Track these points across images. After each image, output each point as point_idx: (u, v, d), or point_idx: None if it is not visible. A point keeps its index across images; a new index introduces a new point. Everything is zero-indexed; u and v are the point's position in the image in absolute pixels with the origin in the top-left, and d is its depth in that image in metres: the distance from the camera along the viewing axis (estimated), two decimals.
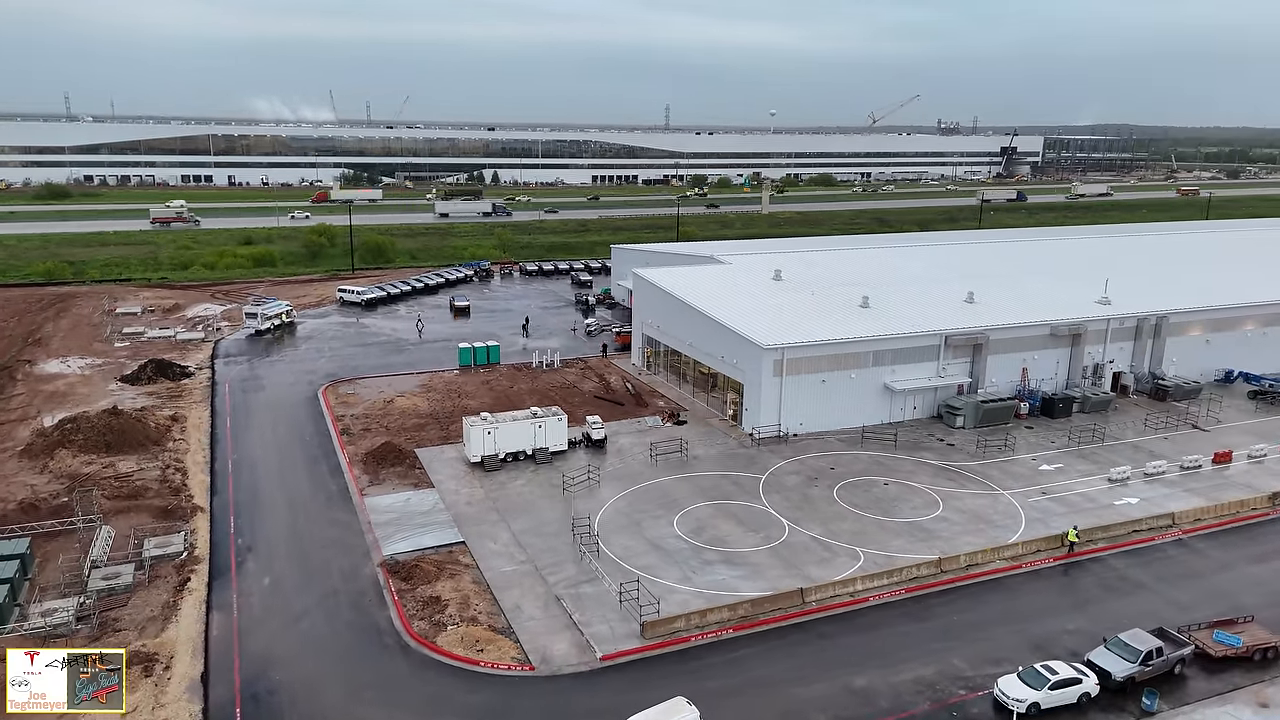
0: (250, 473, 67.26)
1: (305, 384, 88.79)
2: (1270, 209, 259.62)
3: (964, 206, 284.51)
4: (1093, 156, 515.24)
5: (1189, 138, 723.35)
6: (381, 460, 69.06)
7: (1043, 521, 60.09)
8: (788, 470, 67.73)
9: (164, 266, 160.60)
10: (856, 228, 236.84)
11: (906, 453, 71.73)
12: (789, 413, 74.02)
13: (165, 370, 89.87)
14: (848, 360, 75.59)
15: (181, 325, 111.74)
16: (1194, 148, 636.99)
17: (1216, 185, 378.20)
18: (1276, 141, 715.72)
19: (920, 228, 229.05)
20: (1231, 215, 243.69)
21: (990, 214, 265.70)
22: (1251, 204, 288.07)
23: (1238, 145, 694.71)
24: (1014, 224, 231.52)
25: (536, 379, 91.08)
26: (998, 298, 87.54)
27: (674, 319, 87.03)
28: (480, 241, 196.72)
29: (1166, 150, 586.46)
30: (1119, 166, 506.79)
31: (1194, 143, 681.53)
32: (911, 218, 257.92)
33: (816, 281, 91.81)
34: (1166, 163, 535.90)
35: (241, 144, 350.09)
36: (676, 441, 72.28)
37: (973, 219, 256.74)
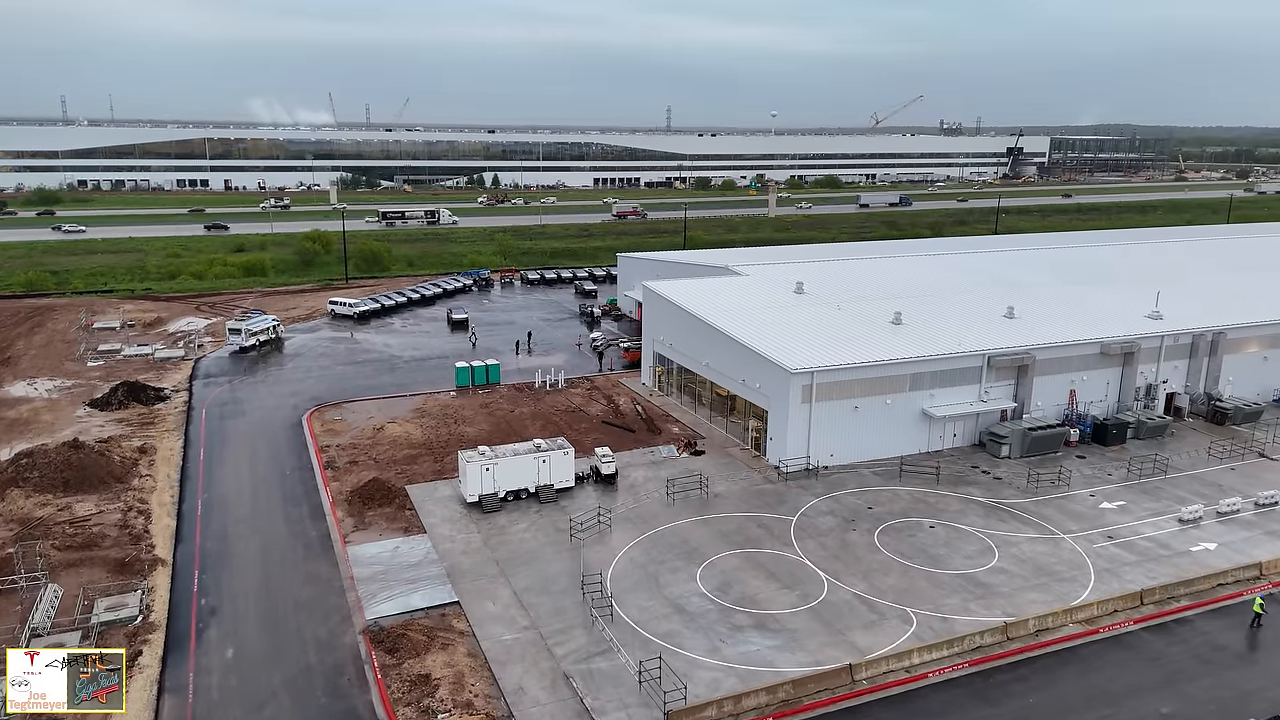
0: (221, 515, 60.36)
1: (289, 408, 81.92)
2: None
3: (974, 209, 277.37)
4: (1099, 157, 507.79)
5: (1193, 137, 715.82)
6: (368, 499, 62.18)
7: (1113, 573, 53.13)
8: (821, 510, 60.78)
9: (151, 276, 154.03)
10: (866, 231, 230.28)
11: (950, 488, 64.76)
12: (819, 443, 67.10)
13: (138, 394, 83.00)
14: (883, 384, 68.66)
15: (162, 341, 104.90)
16: (1198, 147, 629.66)
17: (1226, 186, 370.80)
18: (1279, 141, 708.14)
19: (933, 231, 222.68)
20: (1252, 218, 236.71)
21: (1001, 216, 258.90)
22: (1270, 204, 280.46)
23: (1242, 145, 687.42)
24: (1027, 228, 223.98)
25: (540, 401, 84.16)
26: (1040, 312, 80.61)
27: (688, 336, 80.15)
28: (480, 247, 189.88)
29: (1173, 150, 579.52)
30: (1126, 167, 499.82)
31: (1198, 142, 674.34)
32: (923, 220, 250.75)
33: (841, 294, 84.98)
34: (1174, 163, 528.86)
35: (238, 148, 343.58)
36: (695, 476, 65.35)
37: (981, 221, 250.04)
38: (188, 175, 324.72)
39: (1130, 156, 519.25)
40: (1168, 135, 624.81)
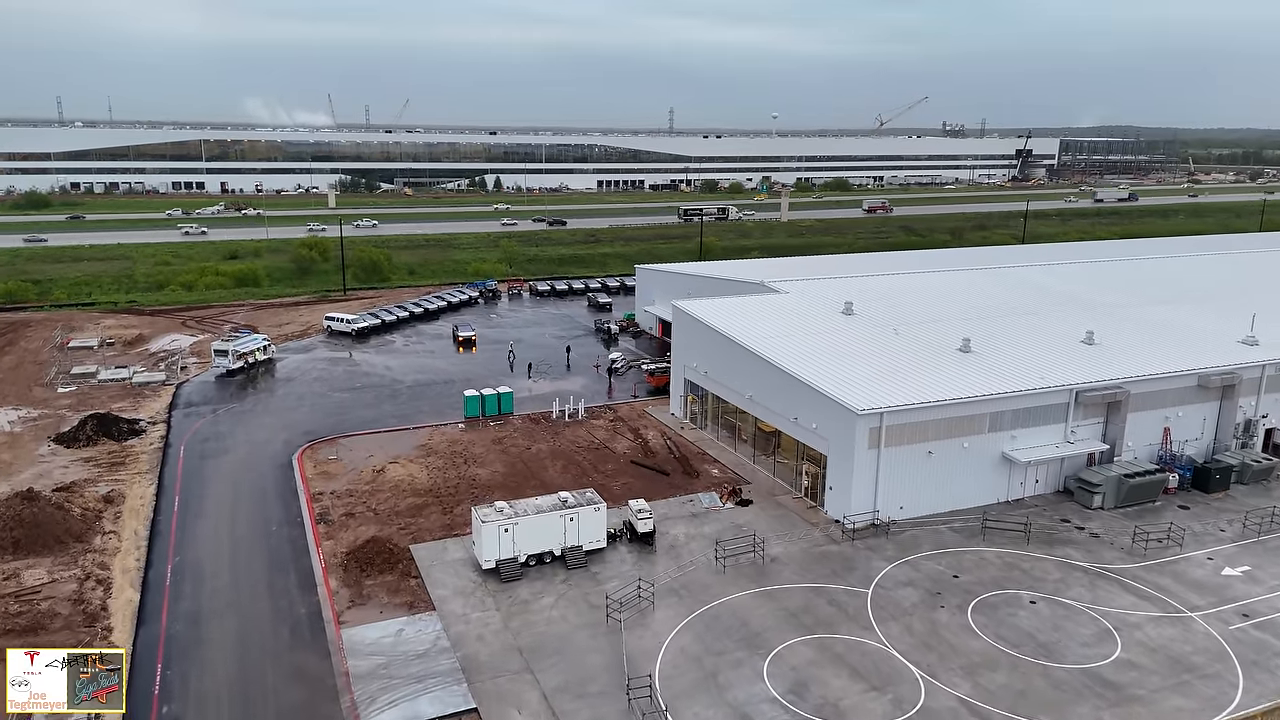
0: (194, 586, 51.36)
1: (279, 444, 72.95)
2: None
3: (991, 213, 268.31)
4: (1108, 159, 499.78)
5: (1197, 139, 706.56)
6: (367, 564, 53.20)
7: (1262, 665, 44.21)
8: (898, 580, 51.80)
9: (138, 286, 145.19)
10: (884, 236, 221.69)
11: (1043, 549, 55.79)
12: (887, 493, 58.17)
13: (109, 428, 74.00)
14: (959, 425, 59.70)
15: (142, 363, 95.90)
16: (1203, 149, 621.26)
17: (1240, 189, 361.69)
18: None
19: (953, 236, 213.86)
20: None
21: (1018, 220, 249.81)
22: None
23: (1248, 147, 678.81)
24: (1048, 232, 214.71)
25: (558, 436, 75.17)
26: (1122, 337, 71.74)
27: (727, 364, 71.26)
28: (484, 254, 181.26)
29: (1181, 152, 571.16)
30: (1135, 169, 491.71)
31: (1202, 144, 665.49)
32: (942, 225, 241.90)
33: (894, 316, 76.19)
34: (1183, 165, 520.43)
35: (235, 149, 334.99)
36: (746, 534, 56.43)
37: (1000, 225, 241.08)
38: (183, 177, 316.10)
39: (1139, 159, 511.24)
40: (1173, 137, 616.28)
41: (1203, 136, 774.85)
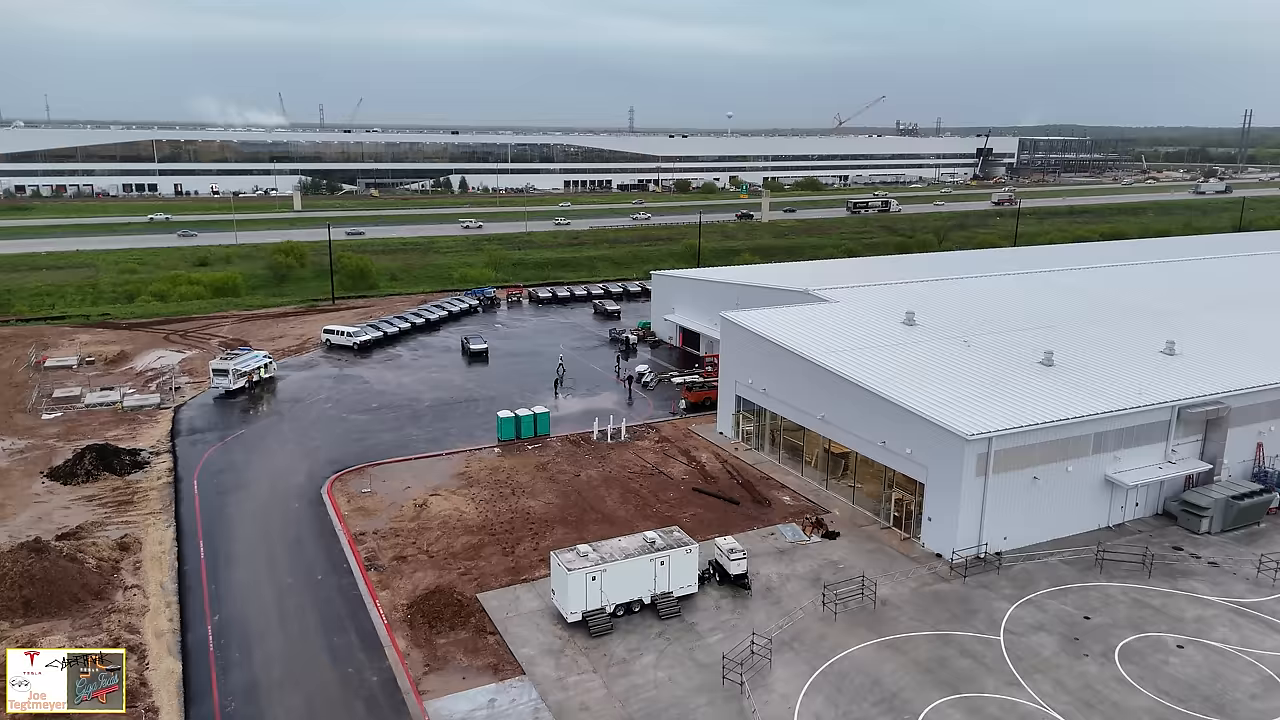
0: (243, 652, 45.02)
1: (302, 475, 66.45)
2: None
3: (971, 211, 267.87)
4: (1065, 157, 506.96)
5: (1144, 137, 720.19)
6: (435, 618, 47.35)
7: None
8: (1027, 624, 47.31)
9: (105, 297, 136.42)
10: (865, 236, 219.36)
11: (1165, 581, 51.77)
12: (992, 524, 53.73)
13: (110, 460, 66.75)
14: (1065, 448, 55.47)
15: (130, 383, 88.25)
16: (1150, 147, 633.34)
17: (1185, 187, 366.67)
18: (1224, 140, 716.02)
19: (936, 236, 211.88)
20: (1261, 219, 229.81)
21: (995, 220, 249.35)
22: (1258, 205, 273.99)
23: (1191, 144, 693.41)
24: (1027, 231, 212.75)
25: (605, 459, 69.66)
26: (1200, 347, 68.20)
27: (790, 381, 66.41)
28: (467, 259, 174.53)
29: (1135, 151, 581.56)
30: (1092, 167, 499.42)
31: (1150, 142, 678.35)
32: (923, 225, 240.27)
33: (956, 325, 71.98)
34: (1137, 163, 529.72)
35: (188, 150, 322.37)
36: (845, 572, 51.64)
37: (978, 224, 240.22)
38: (135, 179, 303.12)
39: (1095, 157, 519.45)
40: (1120, 135, 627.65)
41: (1148, 135, 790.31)
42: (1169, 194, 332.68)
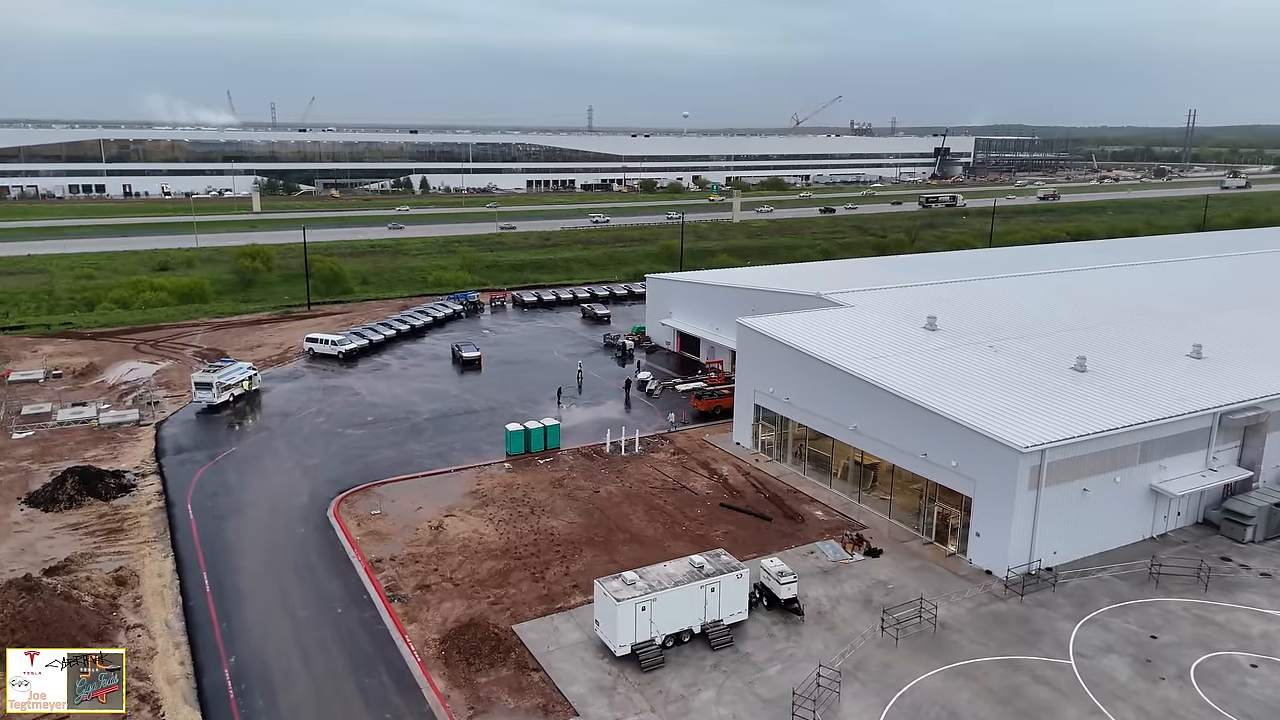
0: (268, 700, 41.25)
1: (304, 496, 62.52)
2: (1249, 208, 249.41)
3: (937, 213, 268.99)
4: (1019, 157, 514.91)
5: (1091, 137, 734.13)
6: (472, 654, 44.07)
7: None
8: (1095, 645, 45.36)
9: (63, 305, 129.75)
10: (838, 236, 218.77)
11: (1222, 595, 50.27)
12: (1044, 538, 51.84)
13: (93, 484, 62.14)
14: (1113, 458, 53.80)
15: (103, 398, 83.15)
16: (1097, 147, 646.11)
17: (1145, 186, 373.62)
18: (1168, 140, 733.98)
19: (907, 236, 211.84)
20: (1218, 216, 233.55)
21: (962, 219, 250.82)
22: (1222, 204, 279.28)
23: (1135, 144, 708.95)
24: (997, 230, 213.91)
25: (622, 474, 66.68)
26: (1226, 350, 67.19)
27: (816, 390, 64.10)
28: (440, 261, 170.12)
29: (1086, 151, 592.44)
30: (1045, 166, 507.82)
31: (1095, 142, 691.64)
32: (893, 224, 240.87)
33: (979, 329, 70.34)
34: (1087, 162, 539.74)
35: (137, 150, 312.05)
36: (895, 592, 49.38)
37: (947, 223, 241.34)
38: (82, 180, 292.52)
39: (1048, 157, 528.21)
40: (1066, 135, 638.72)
41: (1094, 135, 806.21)
42: (1196, 189, 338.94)
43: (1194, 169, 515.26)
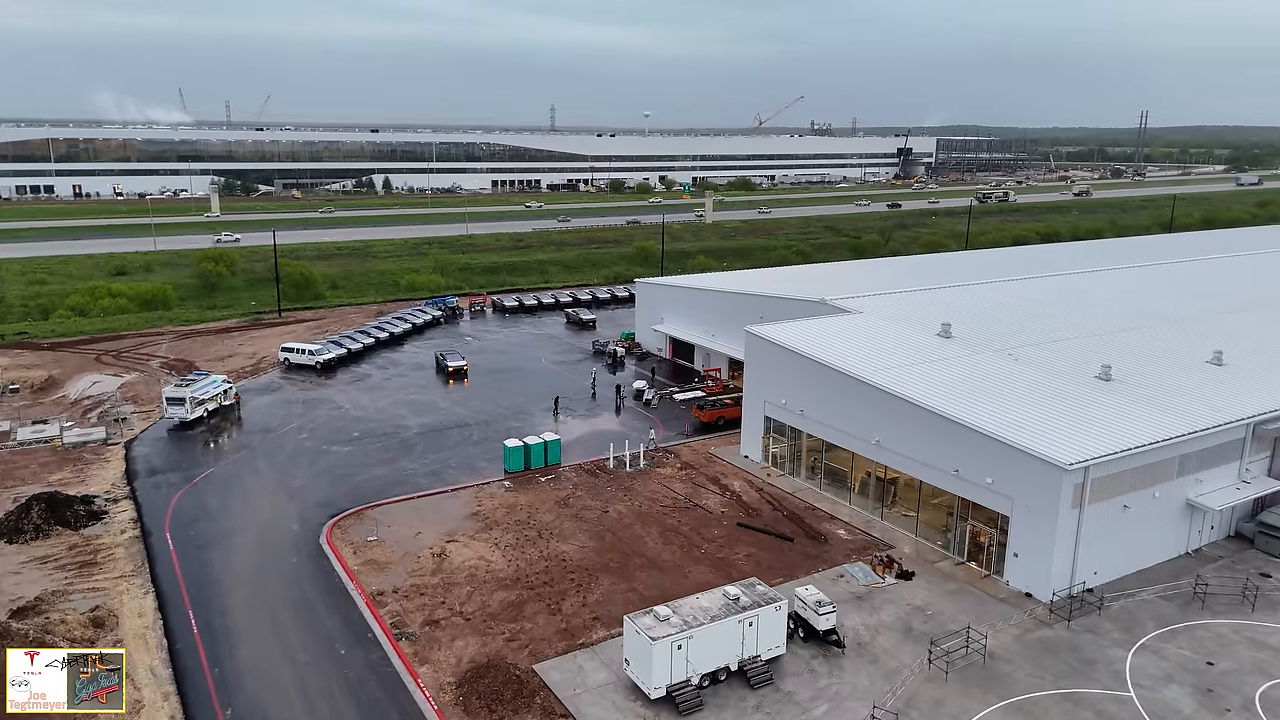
0: None
1: (294, 522, 58.37)
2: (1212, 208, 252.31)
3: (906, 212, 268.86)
4: (980, 157, 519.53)
5: (1045, 138, 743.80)
6: (493, 699, 40.55)
7: None
8: (1152, 674, 43.01)
9: (15, 312, 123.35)
10: (810, 237, 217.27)
11: (1269, 614, 48.28)
12: (1085, 558, 49.50)
13: (61, 512, 57.42)
14: (1153, 473, 51.65)
15: (65, 414, 78.02)
16: (1052, 147, 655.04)
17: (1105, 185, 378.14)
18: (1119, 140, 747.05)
19: (881, 237, 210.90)
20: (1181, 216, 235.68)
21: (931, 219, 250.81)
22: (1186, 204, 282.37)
23: (1088, 144, 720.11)
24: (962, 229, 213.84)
25: (630, 491, 63.38)
26: (1244, 356, 65.61)
27: (833, 401, 61.36)
28: (411, 264, 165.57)
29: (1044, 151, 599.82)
30: (1004, 167, 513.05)
31: (1050, 142, 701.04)
32: (865, 224, 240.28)
33: (993, 337, 68.08)
34: (1045, 162, 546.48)
35: (87, 149, 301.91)
36: (942, 621, 46.69)
37: (917, 223, 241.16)
38: (29, 180, 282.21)
39: (1006, 157, 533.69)
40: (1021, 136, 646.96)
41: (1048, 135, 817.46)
42: (1210, 186, 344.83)
43: (1147, 169, 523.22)
